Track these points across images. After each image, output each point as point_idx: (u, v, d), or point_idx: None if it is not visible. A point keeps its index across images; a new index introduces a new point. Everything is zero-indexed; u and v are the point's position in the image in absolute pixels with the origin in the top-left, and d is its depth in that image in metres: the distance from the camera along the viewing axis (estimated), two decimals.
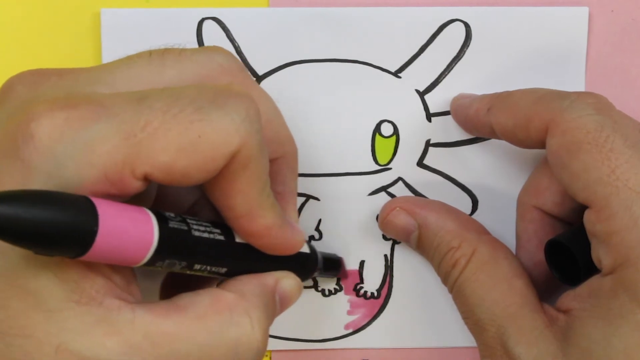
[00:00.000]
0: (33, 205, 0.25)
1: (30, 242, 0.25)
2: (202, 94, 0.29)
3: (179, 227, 0.30)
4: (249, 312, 0.31)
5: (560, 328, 0.35)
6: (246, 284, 0.32)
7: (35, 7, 0.42)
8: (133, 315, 0.28)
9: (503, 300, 0.37)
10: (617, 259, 0.33)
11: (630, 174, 0.33)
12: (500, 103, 0.38)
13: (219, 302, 0.30)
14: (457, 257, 0.39)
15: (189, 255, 0.31)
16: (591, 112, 0.34)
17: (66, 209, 0.25)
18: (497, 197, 0.43)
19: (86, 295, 0.28)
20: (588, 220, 0.34)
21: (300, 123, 0.42)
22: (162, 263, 0.29)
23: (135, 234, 0.28)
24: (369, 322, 0.44)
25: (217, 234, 0.32)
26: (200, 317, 0.29)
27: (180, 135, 0.28)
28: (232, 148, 0.29)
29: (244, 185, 0.30)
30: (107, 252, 0.27)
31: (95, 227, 0.26)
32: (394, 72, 0.43)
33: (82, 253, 0.26)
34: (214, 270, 0.32)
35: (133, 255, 0.28)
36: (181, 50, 0.33)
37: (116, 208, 0.27)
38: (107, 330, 0.27)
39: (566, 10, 0.42)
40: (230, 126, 0.29)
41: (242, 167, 0.30)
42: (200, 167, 0.28)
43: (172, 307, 0.29)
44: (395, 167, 0.43)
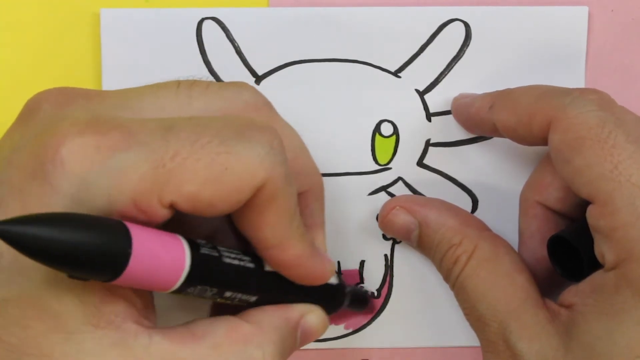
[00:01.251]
0: (68, 227, 0.25)
1: (64, 265, 0.25)
2: (227, 126, 0.30)
3: (210, 253, 0.30)
4: (263, 346, 0.31)
5: (562, 323, 0.35)
6: (267, 315, 0.33)
7: (35, 7, 0.42)
8: (149, 340, 0.28)
9: (505, 296, 0.37)
10: (620, 254, 0.33)
11: (633, 170, 0.33)
12: (502, 100, 0.38)
13: (234, 332, 0.31)
14: (459, 254, 0.39)
15: (220, 282, 0.31)
16: (593, 108, 0.34)
17: (100, 232, 0.26)
18: (497, 197, 0.43)
19: (105, 319, 0.28)
20: (591, 215, 0.34)
21: (300, 123, 0.42)
22: (194, 289, 0.30)
23: (167, 258, 0.28)
24: (369, 322, 0.44)
25: (247, 261, 0.32)
26: (214, 346, 0.30)
27: (207, 167, 0.28)
28: (258, 181, 0.29)
29: (273, 217, 0.31)
30: (139, 276, 0.27)
31: (128, 250, 0.26)
32: (393, 72, 0.43)
33: (114, 277, 0.26)
34: (244, 299, 0.32)
35: (165, 280, 0.28)
36: (208, 83, 0.33)
37: (149, 233, 0.27)
38: (123, 354, 0.28)
39: (566, 10, 0.42)
40: (255, 159, 0.29)
41: (270, 199, 0.30)
42: (225, 199, 0.29)
43: (188, 335, 0.30)
44: (395, 167, 0.43)
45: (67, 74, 0.42)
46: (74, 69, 0.42)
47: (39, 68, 0.42)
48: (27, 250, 0.24)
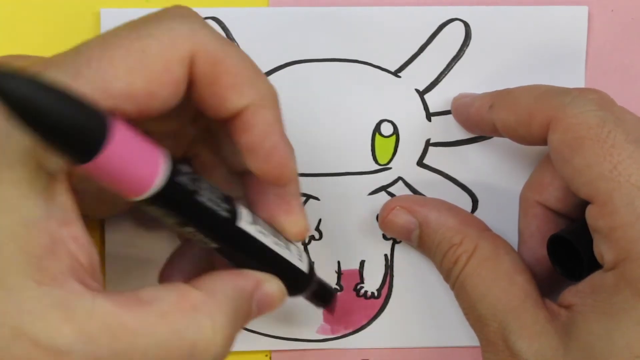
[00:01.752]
0: (57, 92, 0.25)
1: (43, 129, 0.25)
2: (135, 20, 0.30)
3: (186, 184, 0.30)
4: (214, 315, 0.30)
5: (562, 323, 0.35)
6: (220, 283, 0.32)
7: (35, 7, 0.42)
8: (93, 303, 0.27)
9: (505, 295, 0.37)
10: (619, 254, 0.33)
11: (632, 170, 0.33)
12: (502, 100, 0.38)
13: (184, 300, 0.30)
14: (459, 254, 0.39)
15: (186, 214, 0.30)
16: (593, 108, 0.34)
17: (87, 106, 0.26)
18: (497, 197, 0.43)
19: (48, 275, 0.27)
20: (590, 215, 0.34)
21: (300, 123, 0.42)
22: (156, 209, 0.29)
23: (143, 164, 0.28)
24: (369, 322, 0.44)
25: (222, 209, 0.32)
26: (162, 313, 0.29)
27: (125, 58, 0.28)
28: (183, 51, 0.29)
29: (228, 80, 0.30)
30: (110, 169, 0.26)
31: (105, 134, 0.26)
32: (393, 72, 0.43)
33: (88, 156, 0.26)
34: (204, 241, 0.32)
35: (133, 185, 0.28)
36: None
37: (136, 134, 0.27)
38: (65, 316, 0.27)
39: (566, 10, 0.42)
40: (170, 31, 0.29)
41: (212, 64, 0.30)
42: (160, 82, 0.28)
43: (135, 300, 0.29)
44: (395, 167, 0.43)
45: None
46: None
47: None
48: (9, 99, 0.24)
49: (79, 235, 0.28)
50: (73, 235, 0.28)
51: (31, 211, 0.27)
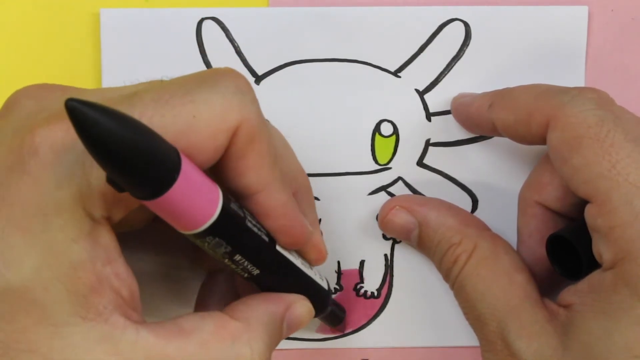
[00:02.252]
0: (131, 126, 0.25)
1: (118, 160, 0.25)
2: (190, 78, 0.30)
3: (237, 210, 0.30)
4: (252, 343, 0.31)
5: (561, 323, 0.35)
6: (254, 310, 0.33)
7: (34, 7, 0.42)
8: (137, 336, 0.28)
9: (504, 294, 0.37)
10: (617, 254, 0.33)
11: (631, 169, 0.33)
12: (501, 99, 0.38)
13: (223, 329, 0.31)
14: (458, 254, 0.39)
15: (236, 242, 0.31)
16: (592, 107, 0.34)
17: (157, 142, 0.26)
18: (497, 197, 0.43)
19: (93, 311, 0.28)
20: (589, 214, 0.34)
21: (299, 123, 0.42)
22: (212, 239, 0.29)
23: (204, 196, 0.28)
24: (369, 322, 0.44)
25: (264, 233, 0.32)
26: (202, 343, 0.30)
27: (175, 119, 0.28)
28: (230, 123, 0.29)
29: (255, 160, 0.31)
30: (176, 203, 0.27)
31: (178, 168, 0.26)
32: (393, 72, 0.43)
33: (157, 193, 0.26)
34: (249, 269, 0.32)
35: (194, 217, 0.28)
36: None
37: (195, 166, 0.28)
38: (110, 349, 0.28)
39: (566, 10, 0.42)
40: (223, 101, 0.29)
41: (248, 142, 0.30)
42: (201, 148, 0.29)
43: (176, 330, 0.30)
44: (395, 167, 0.43)
45: (67, 73, 0.42)
46: (74, 68, 0.42)
47: (39, 68, 0.42)
48: (84, 132, 0.24)
49: (120, 271, 0.29)
50: (115, 272, 0.29)
51: (77, 254, 0.28)
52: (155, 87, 0.29)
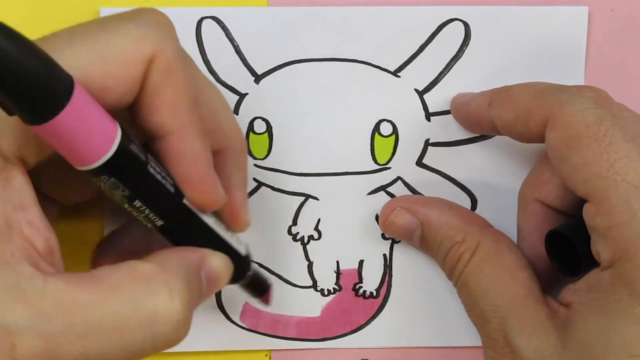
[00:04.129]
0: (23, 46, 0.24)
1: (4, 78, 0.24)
2: (109, 17, 0.30)
3: (137, 153, 0.30)
4: (168, 282, 0.30)
5: (561, 321, 0.35)
6: (167, 256, 0.31)
7: (34, 6, 0.42)
8: (44, 283, 0.27)
9: (507, 291, 0.37)
10: (615, 253, 0.33)
11: (629, 168, 0.33)
12: (500, 97, 0.38)
13: (136, 271, 0.30)
14: (462, 252, 0.39)
15: (135, 185, 0.30)
16: (591, 106, 0.34)
17: (50, 66, 0.25)
18: (496, 197, 0.43)
19: (0, 257, 0.27)
20: (587, 213, 0.34)
21: (299, 122, 0.42)
22: (107, 179, 0.29)
23: (98, 130, 0.27)
24: (368, 322, 0.44)
25: (169, 184, 0.32)
26: (115, 286, 0.29)
27: (88, 49, 0.28)
28: (145, 52, 0.29)
29: (171, 96, 0.30)
30: (65, 132, 0.26)
31: (68, 95, 0.26)
32: (393, 72, 0.43)
33: (45, 117, 0.25)
34: (150, 217, 0.32)
35: (87, 151, 0.27)
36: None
37: (92, 99, 0.27)
38: (17, 297, 0.27)
39: (566, 10, 0.42)
40: (138, 32, 0.29)
41: (164, 75, 0.30)
42: (116, 78, 0.28)
43: (87, 277, 0.29)
44: (394, 167, 0.43)
45: None
46: None
47: None
48: None
49: (35, 219, 0.28)
50: (28, 220, 0.28)
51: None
52: (73, 26, 0.29)
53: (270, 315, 0.43)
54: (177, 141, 0.31)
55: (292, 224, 0.43)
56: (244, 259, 0.37)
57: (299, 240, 0.43)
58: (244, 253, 0.37)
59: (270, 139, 0.42)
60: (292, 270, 0.43)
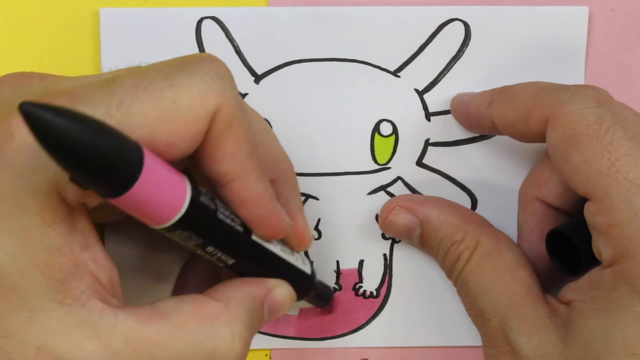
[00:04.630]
0: (88, 125, 0.24)
1: (76, 162, 0.24)
2: (169, 64, 0.30)
3: (208, 204, 0.30)
4: (231, 323, 0.31)
5: (561, 319, 0.35)
6: (234, 292, 0.32)
7: (34, 6, 0.42)
8: (115, 319, 0.28)
9: (506, 290, 0.37)
10: (617, 251, 0.33)
11: (630, 166, 0.33)
12: (500, 96, 0.38)
13: (202, 310, 0.31)
14: (461, 250, 0.39)
15: (208, 235, 0.31)
16: (591, 105, 0.34)
17: (118, 140, 0.25)
18: (496, 196, 0.43)
19: (70, 295, 0.28)
20: (588, 212, 0.34)
21: (299, 122, 0.42)
22: (182, 233, 0.29)
23: (170, 191, 0.28)
24: (368, 321, 0.44)
25: (237, 224, 0.32)
26: (181, 325, 0.30)
27: (155, 105, 0.28)
28: (210, 107, 0.29)
29: (233, 146, 0.30)
30: (141, 198, 0.26)
31: (140, 165, 0.26)
32: (393, 72, 0.43)
33: (120, 191, 0.26)
34: (223, 259, 0.32)
35: (161, 212, 0.28)
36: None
37: (159, 160, 0.27)
38: (88, 334, 0.28)
39: (566, 10, 0.42)
40: (202, 86, 0.29)
41: (226, 127, 0.30)
42: (182, 134, 0.29)
43: (155, 313, 0.29)
44: (394, 167, 0.43)
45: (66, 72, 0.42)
46: (74, 68, 0.42)
47: (38, 67, 0.42)
48: (41, 135, 0.24)
49: (98, 256, 0.29)
50: (93, 258, 0.29)
51: (54, 239, 0.28)
52: (134, 72, 0.29)
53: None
54: (241, 187, 0.32)
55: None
56: (310, 277, 0.38)
57: None
58: (309, 272, 0.38)
59: None
60: None
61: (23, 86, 0.31)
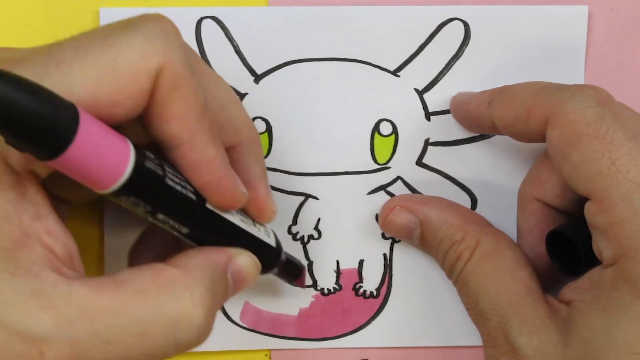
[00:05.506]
0: (18, 85, 0.24)
1: (8, 124, 0.24)
2: (114, 24, 0.29)
3: (154, 169, 0.30)
4: (191, 287, 0.30)
5: (562, 319, 0.35)
6: (192, 259, 0.32)
7: (34, 6, 0.42)
8: (69, 289, 0.28)
9: (506, 290, 0.37)
10: (617, 251, 0.33)
11: (630, 166, 0.33)
12: (500, 96, 0.38)
13: (160, 276, 0.30)
14: (461, 250, 0.39)
15: (156, 201, 0.30)
16: (591, 104, 0.34)
17: (51, 100, 0.25)
18: (496, 196, 0.43)
19: (22, 266, 0.27)
20: (589, 212, 0.34)
21: (298, 122, 0.42)
22: (127, 199, 0.29)
23: (111, 154, 0.27)
24: (368, 321, 0.44)
25: (189, 191, 0.32)
26: (138, 291, 0.29)
27: (95, 65, 0.28)
28: (152, 65, 0.29)
29: (180, 107, 0.30)
30: (79, 161, 0.26)
31: (76, 125, 0.26)
32: (392, 71, 0.43)
33: (54, 153, 0.25)
34: (176, 227, 0.32)
35: (102, 177, 0.27)
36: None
37: (99, 123, 0.27)
38: (42, 304, 0.27)
39: (566, 9, 0.42)
40: (145, 44, 0.29)
41: (172, 86, 0.29)
42: (124, 93, 0.28)
43: (111, 282, 0.29)
44: (394, 166, 0.43)
45: None
46: None
47: None
48: None
49: (52, 227, 0.29)
50: (46, 228, 0.28)
51: (1, 207, 0.27)
52: (78, 35, 0.29)
53: (270, 314, 0.43)
54: (190, 150, 0.31)
55: (292, 224, 0.43)
56: (274, 249, 0.37)
57: (299, 239, 0.43)
58: (274, 244, 0.37)
59: (270, 138, 0.42)
60: None
61: None
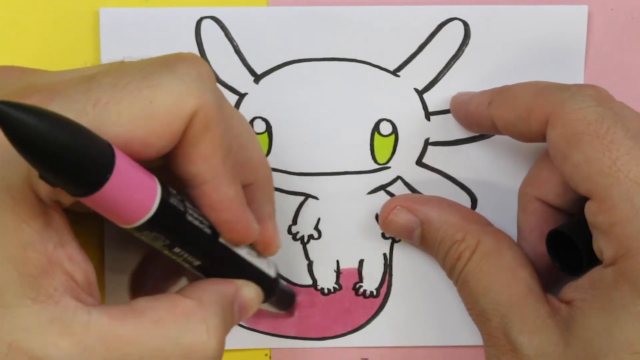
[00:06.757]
0: (58, 123, 0.24)
1: (46, 161, 0.24)
2: (150, 63, 0.29)
3: (177, 205, 0.30)
4: (206, 319, 0.31)
5: (562, 318, 0.35)
6: (205, 291, 0.32)
7: (34, 6, 0.42)
8: (89, 317, 0.28)
9: (507, 289, 0.37)
10: (618, 250, 0.33)
11: (631, 165, 0.33)
12: (500, 96, 0.38)
13: (176, 307, 0.31)
14: (462, 250, 0.39)
15: (175, 236, 0.31)
16: (592, 104, 0.34)
17: (89, 139, 0.25)
18: (496, 196, 0.43)
19: (43, 292, 0.28)
20: (589, 211, 0.34)
21: (298, 122, 0.42)
22: (149, 233, 0.29)
23: (140, 191, 0.28)
24: (368, 321, 0.44)
25: (205, 226, 0.32)
26: (156, 321, 0.30)
27: (131, 105, 0.28)
28: (188, 109, 0.29)
29: (208, 149, 0.30)
30: (110, 200, 0.26)
31: (111, 166, 0.26)
32: (392, 71, 0.43)
33: (92, 190, 0.26)
34: (189, 260, 0.32)
35: (130, 213, 0.28)
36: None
37: (131, 161, 0.27)
38: (61, 331, 0.27)
39: (565, 9, 0.42)
40: (182, 87, 0.29)
41: (203, 129, 0.30)
42: (158, 134, 0.28)
43: (129, 311, 0.29)
44: (394, 166, 0.43)
45: None
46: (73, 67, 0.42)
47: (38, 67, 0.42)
48: (11, 133, 0.23)
49: (73, 254, 0.29)
50: (68, 255, 0.29)
51: (28, 235, 0.28)
52: (115, 70, 0.29)
53: (271, 314, 0.43)
54: (211, 190, 0.31)
55: (292, 224, 0.43)
56: (273, 280, 0.38)
57: (299, 239, 0.43)
58: (274, 276, 0.38)
59: (269, 138, 0.42)
60: (292, 269, 0.43)
61: (2, 81, 0.31)
